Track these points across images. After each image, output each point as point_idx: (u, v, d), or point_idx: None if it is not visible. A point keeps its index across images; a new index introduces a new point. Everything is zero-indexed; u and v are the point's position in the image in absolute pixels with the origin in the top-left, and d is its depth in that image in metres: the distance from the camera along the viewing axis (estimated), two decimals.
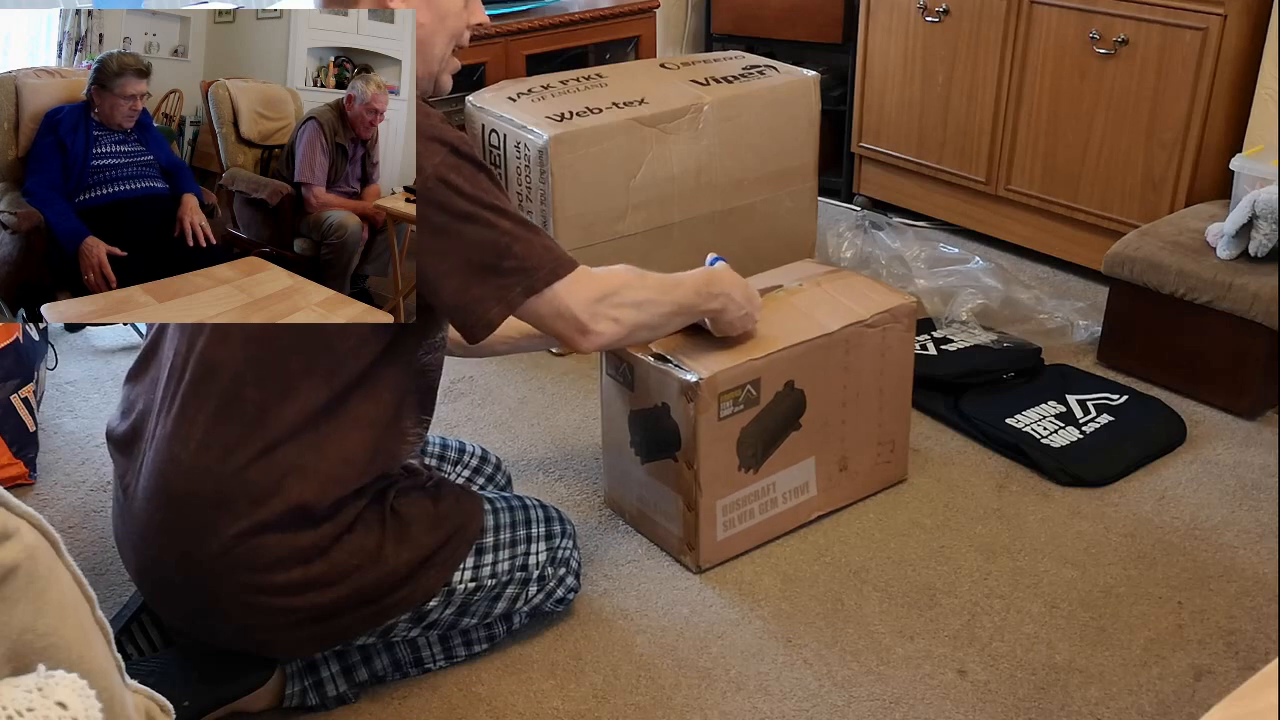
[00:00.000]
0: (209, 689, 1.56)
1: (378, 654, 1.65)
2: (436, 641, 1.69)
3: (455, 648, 1.70)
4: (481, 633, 1.71)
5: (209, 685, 1.56)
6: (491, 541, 1.65)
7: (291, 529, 1.46)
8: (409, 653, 1.67)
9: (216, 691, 1.56)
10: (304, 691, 1.62)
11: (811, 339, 1.88)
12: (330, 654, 1.63)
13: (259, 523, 1.45)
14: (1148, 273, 2.38)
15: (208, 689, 1.56)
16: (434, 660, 1.69)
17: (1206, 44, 2.51)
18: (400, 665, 1.67)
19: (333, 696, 1.63)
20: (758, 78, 2.79)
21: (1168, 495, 2.10)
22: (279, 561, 1.46)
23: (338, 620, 1.52)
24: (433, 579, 1.58)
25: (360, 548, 1.51)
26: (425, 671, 1.69)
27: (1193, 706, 1.63)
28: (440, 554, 1.58)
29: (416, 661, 1.68)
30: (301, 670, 1.62)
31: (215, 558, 1.45)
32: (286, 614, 1.49)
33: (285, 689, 1.61)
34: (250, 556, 1.45)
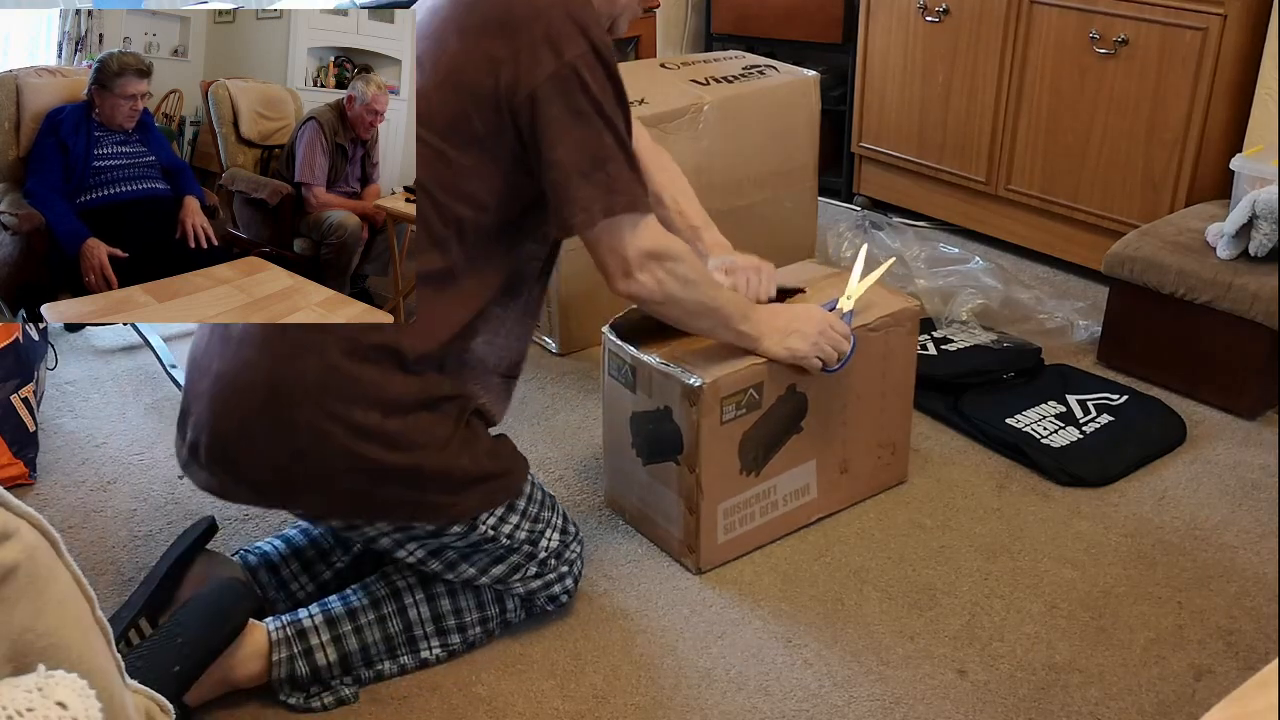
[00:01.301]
0: (193, 645, 1.56)
1: (369, 626, 1.66)
2: (430, 620, 1.69)
3: (449, 631, 1.71)
4: (474, 615, 1.72)
5: (193, 643, 1.56)
6: (522, 506, 1.70)
7: (384, 365, 1.52)
8: (400, 627, 1.68)
9: (203, 645, 1.56)
10: (292, 659, 1.62)
11: None
12: (320, 620, 1.65)
13: (359, 348, 1.51)
14: (1148, 273, 2.38)
15: (192, 646, 1.56)
16: (427, 642, 1.70)
17: (1206, 44, 2.51)
18: (391, 642, 1.68)
19: (323, 666, 1.63)
20: (758, 78, 2.79)
21: (1168, 495, 2.10)
22: (365, 398, 1.52)
23: (382, 488, 1.56)
24: (472, 501, 1.61)
25: (432, 430, 1.56)
26: (418, 657, 1.69)
27: (1193, 706, 1.63)
28: (487, 484, 1.63)
29: (409, 641, 1.69)
30: (290, 636, 1.63)
31: (311, 379, 1.51)
32: (347, 457, 1.53)
33: (272, 655, 1.62)
34: (342, 385, 1.51)
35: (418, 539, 1.64)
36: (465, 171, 1.54)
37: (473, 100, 1.52)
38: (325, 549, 1.83)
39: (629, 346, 1.87)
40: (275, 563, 1.79)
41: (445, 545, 1.65)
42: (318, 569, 1.81)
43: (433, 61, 1.54)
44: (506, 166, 1.56)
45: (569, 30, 1.50)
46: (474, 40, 1.52)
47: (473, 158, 1.54)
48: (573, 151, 1.53)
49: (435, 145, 1.54)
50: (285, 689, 1.64)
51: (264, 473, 1.57)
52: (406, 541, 1.64)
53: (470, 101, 1.52)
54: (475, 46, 1.52)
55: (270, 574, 1.78)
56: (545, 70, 1.50)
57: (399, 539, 1.63)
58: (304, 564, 1.81)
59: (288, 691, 1.64)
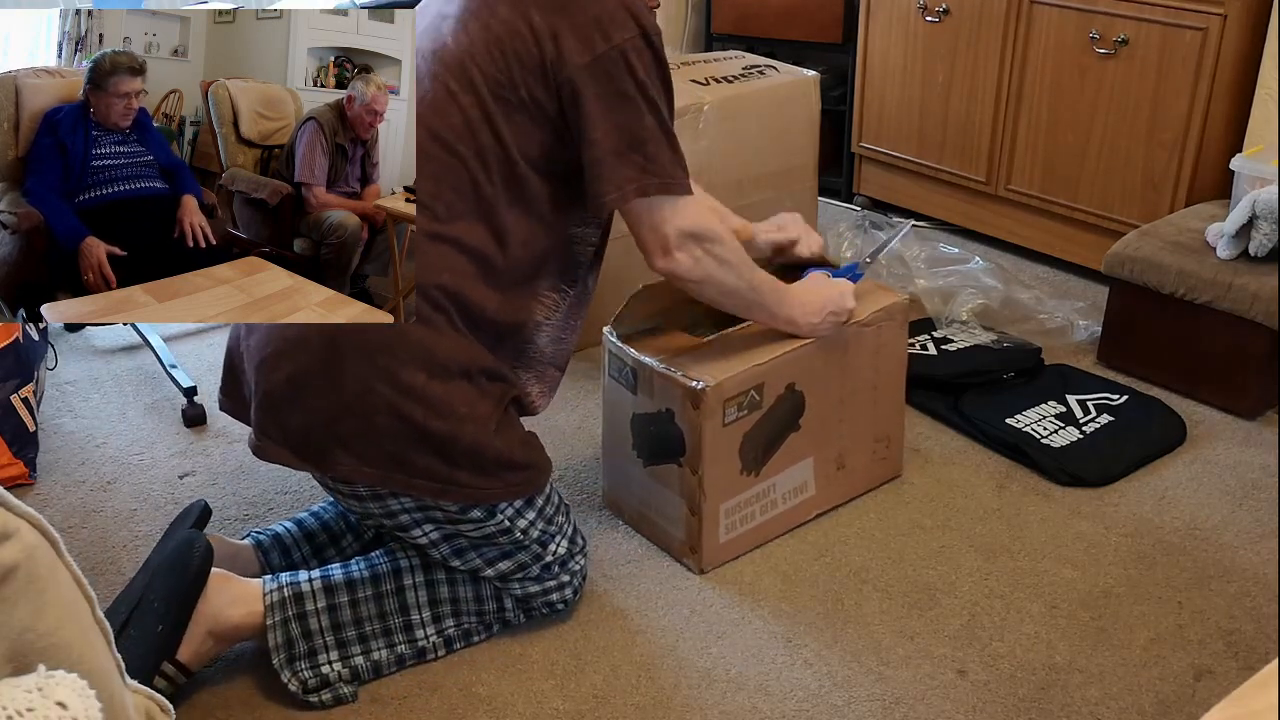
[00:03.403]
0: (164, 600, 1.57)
1: (365, 601, 1.67)
2: (426, 605, 1.70)
3: (444, 617, 1.71)
4: (471, 606, 1.72)
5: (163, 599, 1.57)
6: (540, 504, 1.72)
7: (437, 324, 1.56)
8: (396, 607, 1.69)
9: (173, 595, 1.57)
10: (286, 622, 1.63)
11: (812, 341, 1.88)
12: (319, 586, 1.66)
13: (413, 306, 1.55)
14: (1148, 273, 2.38)
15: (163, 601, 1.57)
16: (423, 629, 1.70)
17: (1206, 44, 2.51)
18: (387, 621, 1.68)
19: (315, 631, 1.64)
20: (758, 78, 2.79)
21: (1168, 495, 2.10)
22: (414, 358, 1.55)
23: (416, 455, 1.57)
24: (497, 487, 1.63)
25: (474, 403, 1.59)
26: (415, 645, 1.69)
27: (1193, 706, 1.63)
28: (515, 473, 1.64)
29: (406, 627, 1.69)
30: (288, 598, 1.64)
31: (367, 334, 1.54)
32: (389, 416, 1.55)
33: (268, 618, 1.62)
34: (394, 341, 1.55)
35: (435, 521, 1.65)
36: (516, 130, 1.58)
37: (520, 67, 1.56)
38: (336, 533, 1.84)
39: (630, 349, 1.87)
40: (287, 545, 1.81)
41: (460, 531, 1.67)
42: (328, 554, 1.83)
43: (481, 25, 1.57)
44: (548, 132, 1.60)
45: (620, 15, 1.55)
46: (524, 10, 1.56)
47: (519, 120, 1.58)
48: (612, 132, 1.57)
49: (483, 108, 1.57)
50: (280, 656, 1.63)
51: (306, 430, 1.59)
52: (424, 522, 1.65)
53: (518, 68, 1.56)
54: (525, 17, 1.56)
55: (282, 556, 1.80)
56: (593, 52, 1.54)
57: (418, 518, 1.65)
58: (315, 548, 1.82)
59: (283, 662, 1.63)
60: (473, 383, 1.59)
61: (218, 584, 1.63)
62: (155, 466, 2.21)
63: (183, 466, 2.21)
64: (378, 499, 1.64)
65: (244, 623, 1.63)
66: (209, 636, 1.61)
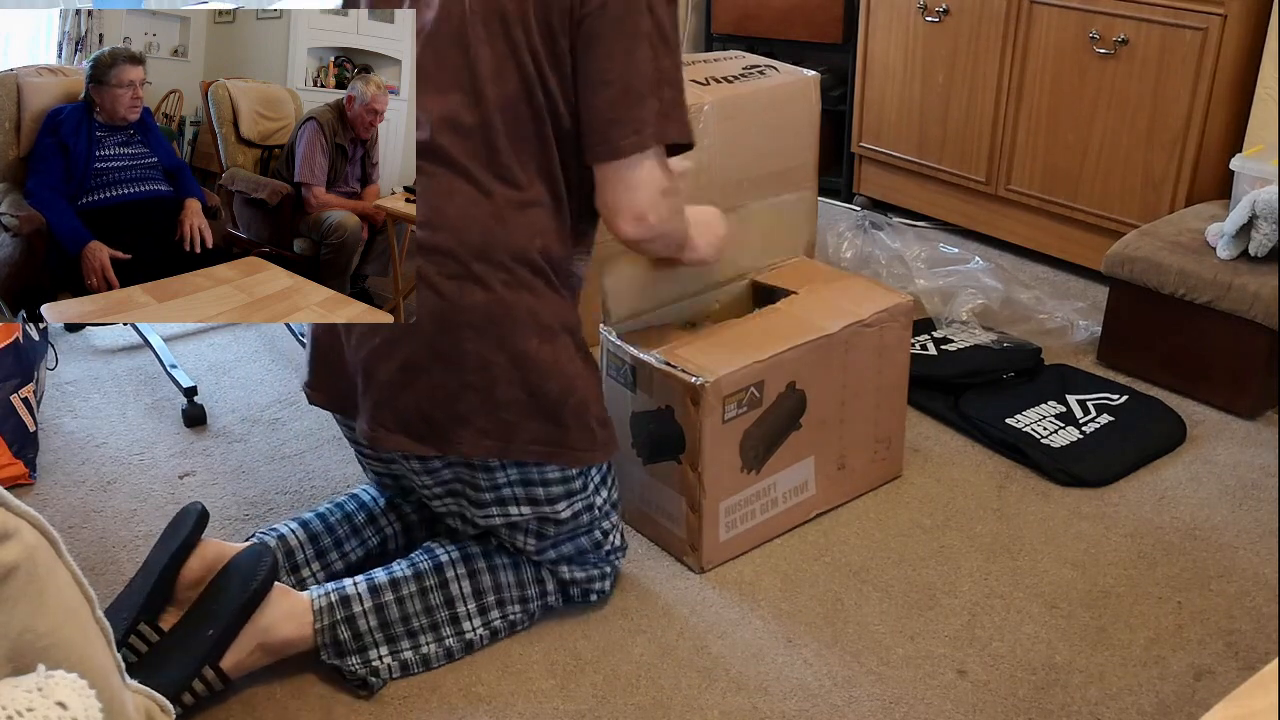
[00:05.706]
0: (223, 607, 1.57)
1: (411, 598, 1.68)
2: (471, 596, 1.72)
3: (490, 608, 1.73)
4: (514, 593, 1.74)
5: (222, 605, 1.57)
6: (611, 480, 1.78)
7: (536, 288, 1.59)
8: (442, 600, 1.70)
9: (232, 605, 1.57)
10: (335, 625, 1.64)
11: (813, 340, 1.88)
12: (364, 588, 1.67)
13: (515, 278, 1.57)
14: (1148, 273, 2.38)
15: (222, 607, 1.57)
16: (470, 621, 1.72)
17: (1206, 44, 2.51)
18: (433, 615, 1.69)
19: (364, 630, 1.65)
20: (758, 78, 2.79)
21: (1168, 495, 2.10)
22: (526, 325, 1.58)
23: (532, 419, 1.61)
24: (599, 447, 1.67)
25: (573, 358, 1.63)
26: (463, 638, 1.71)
27: (1193, 706, 1.63)
28: (607, 430, 1.69)
29: (452, 620, 1.71)
30: (334, 603, 1.65)
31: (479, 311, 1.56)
32: (509, 383, 1.58)
33: (315, 622, 1.64)
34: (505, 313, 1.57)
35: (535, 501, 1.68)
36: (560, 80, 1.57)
37: (559, 18, 1.55)
38: (340, 537, 1.84)
39: (629, 346, 1.87)
40: (291, 546, 1.81)
41: (553, 514, 1.70)
42: (331, 557, 1.83)
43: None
44: (571, 77, 1.59)
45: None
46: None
47: (562, 71, 1.58)
48: (629, 72, 1.53)
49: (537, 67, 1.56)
50: (328, 652, 1.65)
51: (424, 413, 1.60)
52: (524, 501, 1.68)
53: (557, 20, 1.55)
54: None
55: (286, 557, 1.80)
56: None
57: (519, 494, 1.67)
58: (319, 550, 1.82)
59: (330, 654, 1.65)
60: (573, 338, 1.64)
61: (275, 597, 1.63)
62: (155, 466, 2.21)
63: (183, 466, 2.21)
64: (487, 471, 1.65)
65: (295, 636, 1.64)
66: (259, 649, 1.62)
